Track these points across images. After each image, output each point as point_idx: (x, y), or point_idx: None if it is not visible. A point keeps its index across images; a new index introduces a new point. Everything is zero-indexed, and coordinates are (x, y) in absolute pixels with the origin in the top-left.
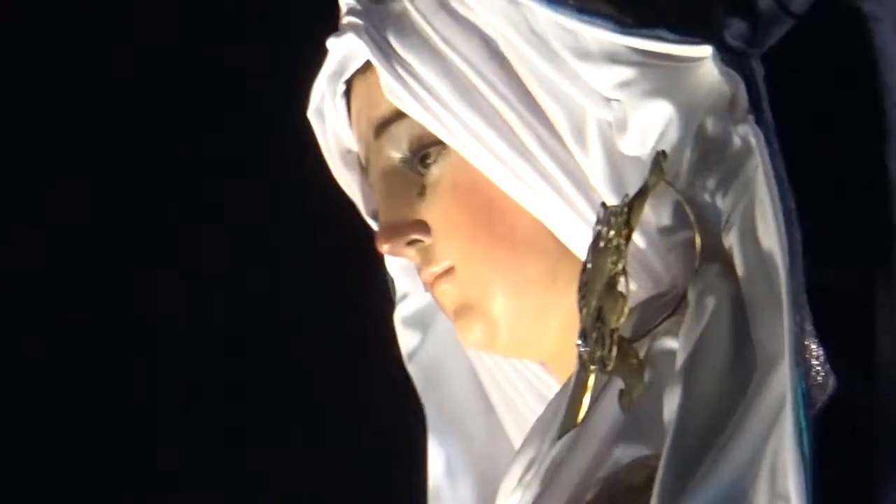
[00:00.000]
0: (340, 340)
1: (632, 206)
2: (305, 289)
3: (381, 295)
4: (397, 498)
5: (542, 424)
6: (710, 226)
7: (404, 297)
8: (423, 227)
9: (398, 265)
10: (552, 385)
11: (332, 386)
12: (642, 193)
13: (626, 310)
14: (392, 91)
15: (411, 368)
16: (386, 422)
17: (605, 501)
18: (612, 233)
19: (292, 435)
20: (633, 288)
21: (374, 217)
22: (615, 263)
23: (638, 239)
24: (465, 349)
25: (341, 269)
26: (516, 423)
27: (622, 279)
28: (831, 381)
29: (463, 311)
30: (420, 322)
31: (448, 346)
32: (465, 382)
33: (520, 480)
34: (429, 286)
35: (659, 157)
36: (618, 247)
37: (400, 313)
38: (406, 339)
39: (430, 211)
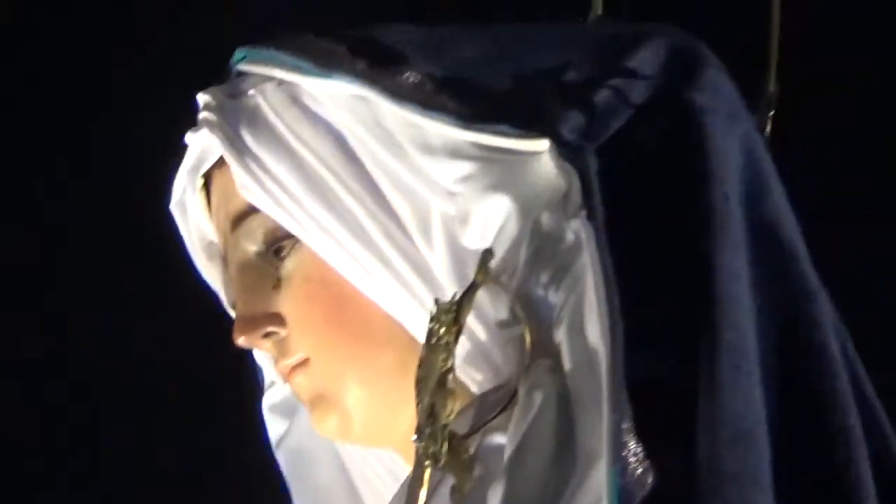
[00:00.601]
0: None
1: (461, 303)
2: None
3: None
4: None
5: None
6: (542, 321)
7: (272, 384)
8: (278, 319)
9: (265, 354)
10: (408, 472)
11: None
12: (470, 291)
13: (456, 407)
14: (244, 186)
15: (279, 455)
16: None
17: None
18: (442, 329)
19: None
20: (479, 378)
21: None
22: (445, 361)
23: (479, 331)
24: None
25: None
26: None
27: (451, 376)
28: (650, 477)
29: (318, 403)
30: (287, 410)
31: (314, 433)
32: (331, 469)
33: None
34: (284, 377)
35: (486, 256)
36: (447, 344)
37: (267, 401)
38: (273, 427)
39: (285, 304)
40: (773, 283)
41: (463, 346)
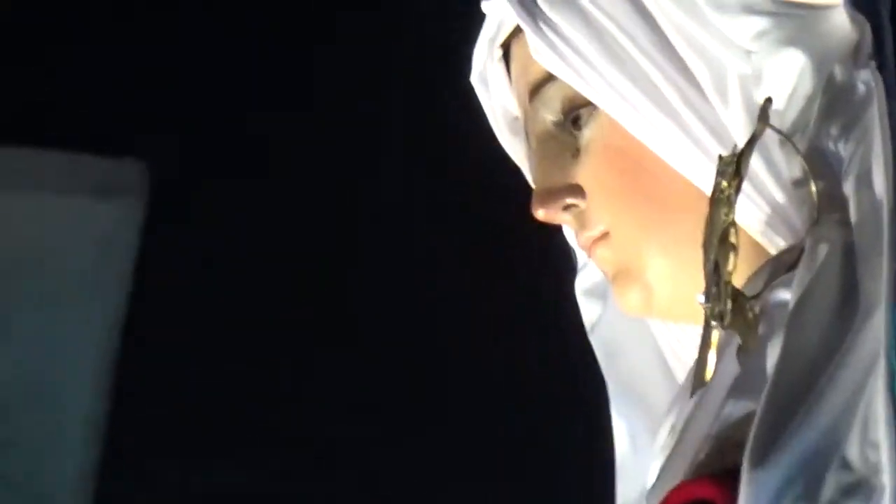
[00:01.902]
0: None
1: (742, 154)
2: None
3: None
4: (586, 469)
5: (684, 387)
6: (833, 174)
7: (584, 266)
8: (578, 190)
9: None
10: None
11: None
12: (751, 142)
13: (735, 260)
14: (539, 52)
15: (593, 340)
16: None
17: (717, 459)
18: (724, 182)
19: None
20: (780, 243)
21: None
22: (727, 214)
23: (776, 193)
24: (647, 319)
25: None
26: None
27: (733, 230)
28: None
29: (620, 275)
30: (600, 293)
31: (629, 316)
32: (646, 352)
33: (663, 444)
34: (586, 251)
35: (766, 105)
36: (728, 197)
37: (580, 284)
38: (587, 311)
39: (584, 174)
40: None
41: (761, 210)
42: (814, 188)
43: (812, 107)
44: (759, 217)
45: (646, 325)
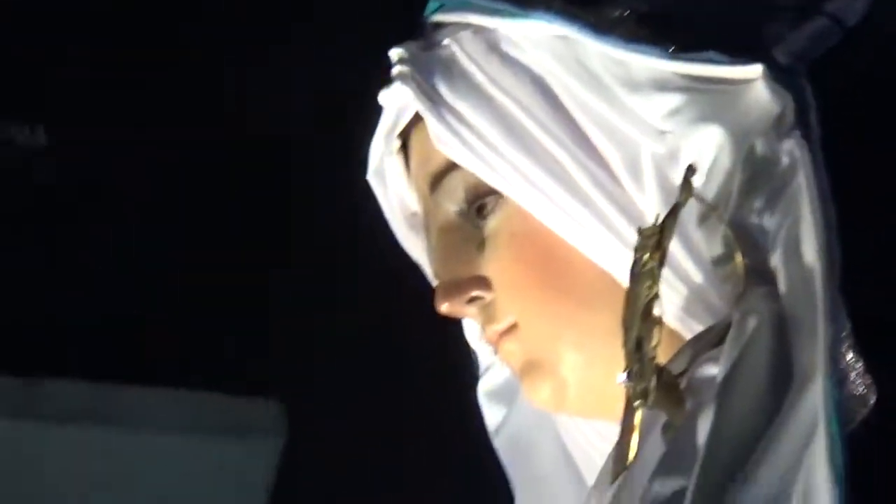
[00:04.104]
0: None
1: (663, 226)
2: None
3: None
4: None
5: (601, 475)
6: (758, 249)
7: (487, 368)
8: (484, 282)
9: (479, 336)
10: None
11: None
12: (672, 212)
13: (661, 336)
14: (442, 140)
15: (497, 443)
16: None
17: None
18: (645, 256)
19: None
20: (697, 328)
21: None
22: (650, 288)
23: (695, 274)
24: (554, 417)
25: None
26: None
27: (656, 304)
28: (872, 396)
29: (529, 370)
30: (505, 395)
31: (535, 415)
32: (554, 454)
33: None
34: (493, 345)
35: (688, 173)
36: (651, 271)
37: (483, 387)
38: (491, 414)
39: (490, 265)
40: None
41: (679, 293)
42: (740, 261)
43: (732, 181)
44: (675, 301)
45: (552, 425)
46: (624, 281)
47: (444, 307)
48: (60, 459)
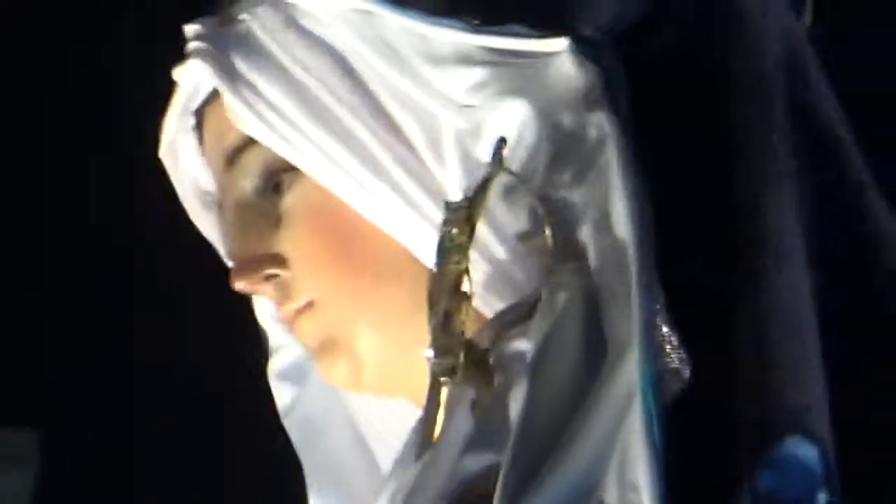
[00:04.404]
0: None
1: (473, 199)
2: None
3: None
4: None
5: (404, 453)
6: (565, 223)
7: (278, 348)
8: (280, 259)
9: (270, 315)
10: None
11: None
12: (482, 186)
13: (471, 310)
14: (238, 115)
15: (287, 424)
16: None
17: None
18: (454, 230)
19: None
20: (500, 307)
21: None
22: (458, 263)
23: (498, 251)
24: (346, 397)
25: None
26: None
27: (465, 279)
28: (687, 371)
29: (326, 348)
30: (296, 376)
31: (327, 395)
32: (345, 435)
33: None
34: (288, 324)
35: (499, 144)
36: (460, 245)
37: (274, 367)
38: (281, 395)
39: (286, 242)
40: (816, 172)
41: (481, 271)
42: (549, 235)
43: (538, 156)
44: (477, 279)
45: (344, 406)
46: (423, 257)
47: (239, 285)
48: None
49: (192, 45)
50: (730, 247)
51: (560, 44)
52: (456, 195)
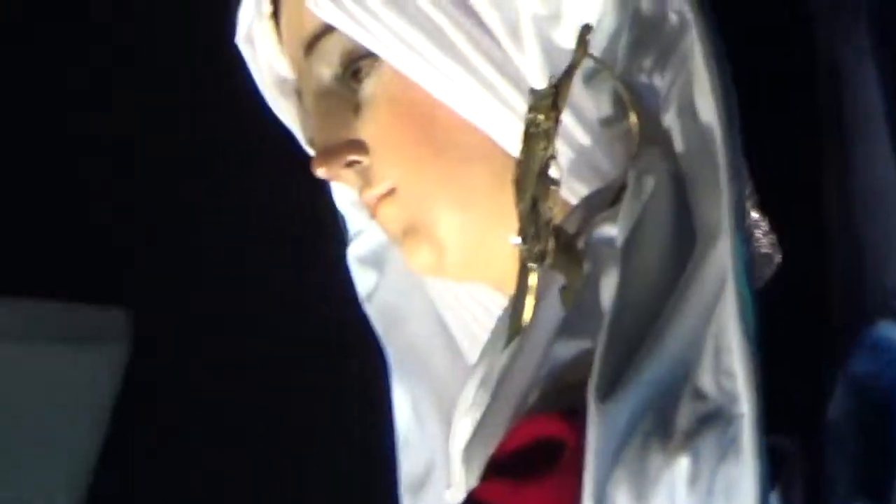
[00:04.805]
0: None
1: (558, 86)
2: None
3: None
4: (368, 448)
5: (492, 339)
6: (649, 107)
7: (358, 234)
8: (361, 146)
9: (349, 201)
10: None
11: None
12: (568, 72)
13: (559, 196)
14: (316, 3)
15: (369, 310)
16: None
17: (549, 403)
18: (540, 117)
19: None
20: (584, 192)
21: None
22: (545, 149)
23: (581, 136)
24: (426, 283)
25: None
26: None
27: (553, 164)
28: (778, 255)
29: (408, 234)
30: (376, 260)
31: (407, 282)
32: (427, 319)
33: (473, 400)
34: (371, 210)
35: (584, 31)
36: (546, 131)
37: (354, 252)
38: (362, 280)
39: (367, 128)
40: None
41: (565, 157)
42: (634, 120)
43: (618, 41)
44: (562, 165)
45: (425, 293)
46: (504, 144)
47: (320, 171)
48: None
49: None
50: (815, 129)
51: None
52: (536, 81)
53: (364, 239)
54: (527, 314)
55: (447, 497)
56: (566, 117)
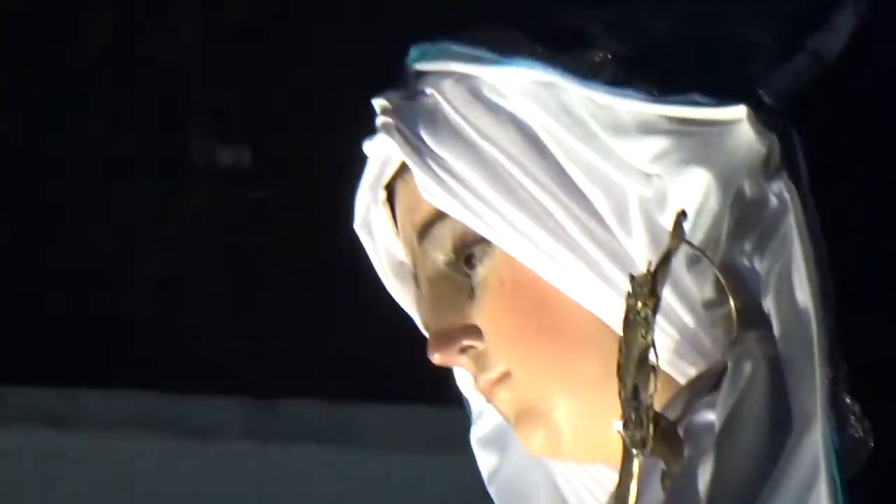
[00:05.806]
0: None
1: (656, 272)
2: None
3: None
4: None
5: None
6: (749, 292)
7: (479, 415)
8: (475, 331)
9: (470, 384)
10: None
11: None
12: (665, 258)
13: (657, 383)
14: (427, 189)
15: (492, 490)
16: None
17: None
18: (639, 304)
19: None
20: (689, 371)
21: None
22: (644, 336)
23: (685, 317)
24: (545, 462)
25: None
26: None
27: (651, 352)
28: (871, 440)
29: (523, 417)
30: (498, 441)
31: (528, 461)
32: (547, 493)
33: None
34: (486, 394)
35: (679, 219)
36: (645, 318)
37: (475, 434)
38: (484, 460)
39: (481, 314)
40: None
41: (670, 338)
42: (733, 305)
43: (721, 224)
44: (667, 345)
45: (547, 470)
46: (614, 326)
47: (436, 358)
48: (300, 479)
49: (380, 120)
50: None
51: (739, 111)
52: (642, 264)
53: (485, 420)
54: (631, 500)
55: None
56: (670, 298)
